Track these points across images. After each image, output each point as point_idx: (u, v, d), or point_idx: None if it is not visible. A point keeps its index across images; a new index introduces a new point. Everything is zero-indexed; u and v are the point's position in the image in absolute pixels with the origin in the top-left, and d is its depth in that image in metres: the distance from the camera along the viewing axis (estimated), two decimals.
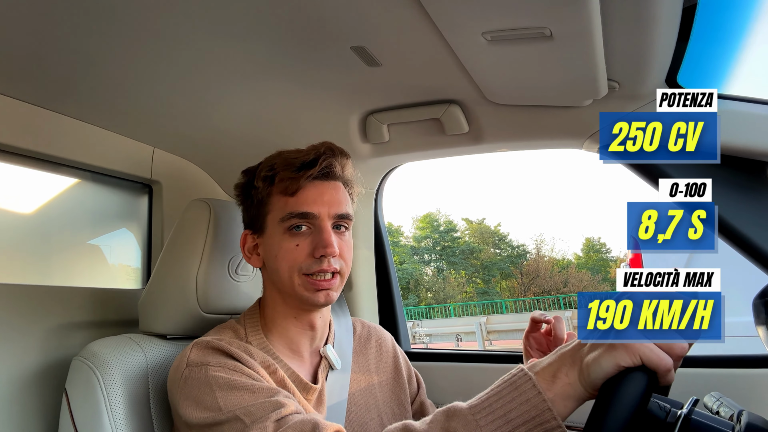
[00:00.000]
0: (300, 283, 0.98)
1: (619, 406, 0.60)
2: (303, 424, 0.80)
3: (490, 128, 1.37)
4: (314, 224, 1.00)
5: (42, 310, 1.21)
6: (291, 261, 0.98)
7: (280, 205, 1.00)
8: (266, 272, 1.06)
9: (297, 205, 0.99)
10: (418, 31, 0.98)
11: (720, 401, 0.81)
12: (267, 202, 1.02)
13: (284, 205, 1.00)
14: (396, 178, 1.77)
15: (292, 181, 0.99)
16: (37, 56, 1.05)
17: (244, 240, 1.07)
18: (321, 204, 1.00)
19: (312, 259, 0.98)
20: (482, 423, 0.67)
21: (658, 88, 0.74)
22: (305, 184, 1.00)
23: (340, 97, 1.31)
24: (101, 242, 1.55)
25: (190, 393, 0.88)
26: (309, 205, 0.99)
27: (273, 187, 1.01)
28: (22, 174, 1.32)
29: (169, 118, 1.38)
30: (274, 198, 1.02)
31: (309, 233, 1.00)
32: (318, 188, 1.01)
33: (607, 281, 31.00)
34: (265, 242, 1.03)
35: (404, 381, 1.21)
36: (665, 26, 0.95)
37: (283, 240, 0.99)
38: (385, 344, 1.25)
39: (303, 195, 1.00)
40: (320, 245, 0.97)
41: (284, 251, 0.99)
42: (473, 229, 35.50)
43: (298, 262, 0.98)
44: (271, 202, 1.02)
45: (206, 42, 1.03)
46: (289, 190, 0.99)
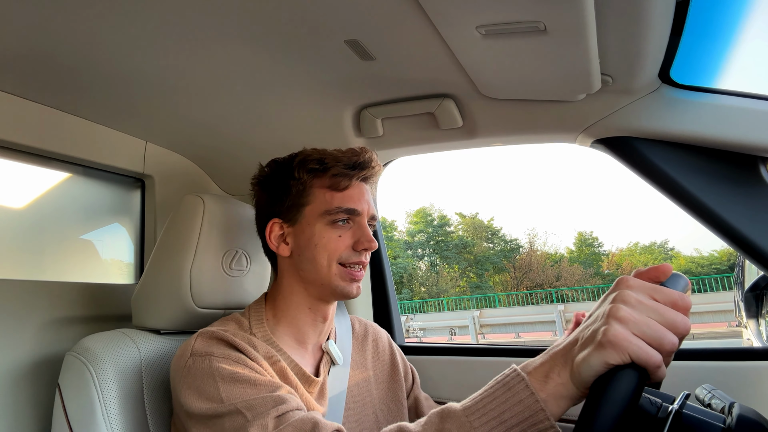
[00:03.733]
0: (337, 272, 1.03)
1: (608, 405, 0.59)
2: (303, 422, 0.80)
3: (484, 122, 1.37)
4: (355, 221, 1.05)
5: (34, 305, 1.20)
6: (332, 250, 1.03)
7: (326, 199, 1.04)
8: (292, 261, 1.07)
9: (345, 201, 1.04)
10: (412, 25, 0.98)
11: (711, 394, 0.82)
12: (308, 193, 1.06)
13: (331, 199, 1.04)
14: (390, 173, 1.77)
15: (345, 178, 1.05)
16: (29, 51, 1.04)
17: (271, 228, 1.08)
18: (363, 203, 1.07)
19: (351, 251, 1.04)
20: (476, 424, 0.67)
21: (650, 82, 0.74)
22: (354, 183, 1.06)
23: (334, 91, 1.30)
24: (94, 237, 1.55)
25: (192, 383, 0.88)
26: (355, 202, 1.05)
27: (318, 179, 1.06)
28: (13, 168, 1.31)
29: (162, 113, 1.37)
30: (317, 191, 1.05)
31: (349, 228, 1.05)
32: (360, 188, 1.08)
33: (599, 275, 31.19)
34: (298, 232, 1.06)
35: (401, 377, 1.23)
36: (658, 21, 0.95)
37: (325, 230, 1.03)
38: (382, 342, 1.27)
39: (350, 192, 1.06)
40: (364, 239, 1.04)
41: (326, 240, 1.03)
42: (466, 223, 35.60)
43: (339, 252, 1.03)
44: (312, 194, 1.05)
45: (199, 36, 1.03)
46: (340, 186, 1.05)
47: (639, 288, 0.65)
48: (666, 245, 33.88)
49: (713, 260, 29.52)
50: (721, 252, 29.27)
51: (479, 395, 0.70)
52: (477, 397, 0.70)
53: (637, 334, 0.61)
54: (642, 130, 1.19)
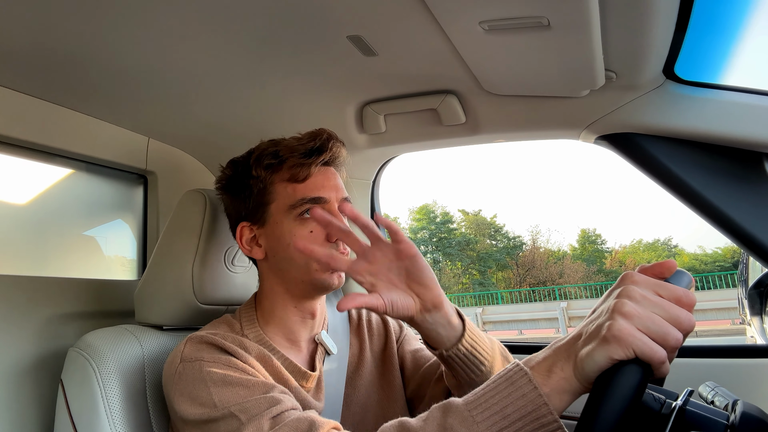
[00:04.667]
0: (317, 267, 0.98)
1: (612, 400, 0.59)
2: (299, 422, 0.79)
3: (487, 119, 1.36)
4: (324, 209, 0.97)
5: (37, 301, 1.20)
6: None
7: (288, 193, 1.00)
8: (268, 263, 1.04)
9: (307, 191, 0.99)
10: (415, 21, 0.97)
11: (715, 391, 0.82)
12: (270, 191, 1.01)
13: (293, 192, 0.99)
14: (392, 169, 1.77)
15: (302, 168, 0.99)
16: (31, 47, 1.04)
17: (241, 233, 1.04)
18: (330, 189, 1.01)
19: (327, 244, 0.98)
20: (479, 419, 0.67)
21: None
22: (314, 171, 1.00)
23: (336, 87, 1.30)
24: (96, 233, 1.55)
25: (184, 389, 0.87)
26: (319, 190, 1.00)
27: (276, 174, 1.01)
28: (16, 164, 1.31)
29: (164, 109, 1.37)
30: (277, 186, 1.01)
31: None
32: (324, 174, 1.02)
33: (602, 272, 31.15)
34: (269, 232, 1.02)
35: (393, 340, 1.19)
36: (663, 16, 0.94)
37: (295, 228, 0.98)
38: (375, 318, 1.23)
39: (312, 181, 1.00)
40: (336, 230, 0.94)
41: (298, 239, 0.97)
42: (469, 220, 35.58)
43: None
44: (274, 191, 1.01)
45: (201, 32, 1.02)
46: (299, 177, 0.99)
47: (644, 284, 0.64)
48: (669, 242, 33.83)
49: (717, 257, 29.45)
50: (724, 249, 29.21)
51: (482, 390, 0.70)
52: (479, 391, 0.70)
53: (641, 329, 0.61)
54: (646, 126, 1.19)
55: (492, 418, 0.67)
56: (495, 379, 0.70)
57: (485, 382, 0.71)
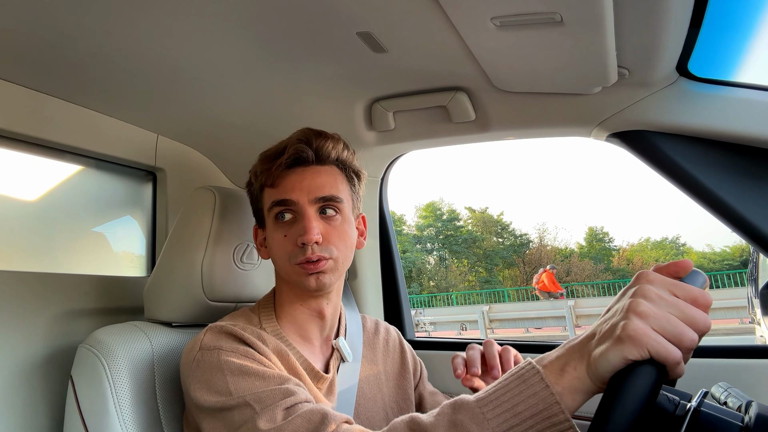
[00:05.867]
0: (293, 271, 1.00)
1: (626, 401, 0.58)
2: (312, 413, 0.80)
3: (497, 116, 1.35)
4: (297, 212, 1.00)
5: (47, 298, 1.21)
6: (282, 252, 1.01)
7: (267, 197, 1.04)
8: (273, 263, 1.08)
9: (276, 194, 1.02)
10: (426, 17, 0.97)
11: (728, 392, 0.81)
12: (260, 197, 1.06)
13: (268, 196, 1.03)
14: (399, 166, 1.76)
15: (268, 173, 1.02)
16: (42, 43, 1.04)
17: (256, 234, 1.11)
18: (299, 190, 1.00)
19: (297, 248, 0.98)
20: (489, 416, 0.66)
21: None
22: (282, 174, 1.02)
23: (346, 84, 1.29)
24: (105, 230, 1.55)
25: (201, 376, 0.89)
26: (288, 192, 1.00)
27: (264, 180, 1.04)
28: (26, 161, 1.31)
29: (173, 106, 1.37)
30: (264, 192, 1.05)
31: (293, 222, 1.01)
32: (297, 175, 1.02)
33: (609, 270, 31.01)
34: (267, 235, 1.06)
35: (410, 375, 1.22)
36: (677, 12, 0.93)
37: (274, 231, 1.02)
38: (392, 339, 1.26)
39: (282, 184, 1.02)
40: (300, 233, 0.98)
41: (275, 242, 1.02)
42: (476, 218, 35.47)
43: (287, 252, 1.00)
44: (263, 197, 1.05)
45: (210, 29, 1.02)
46: (269, 182, 1.02)
47: (659, 283, 0.64)
48: (677, 241, 33.60)
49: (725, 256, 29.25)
50: (733, 248, 29.00)
51: (493, 387, 0.70)
52: (491, 389, 0.70)
53: (656, 329, 0.60)
54: (659, 123, 1.18)
55: (503, 415, 0.66)
56: (507, 377, 0.70)
57: (497, 380, 0.71)
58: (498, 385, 0.70)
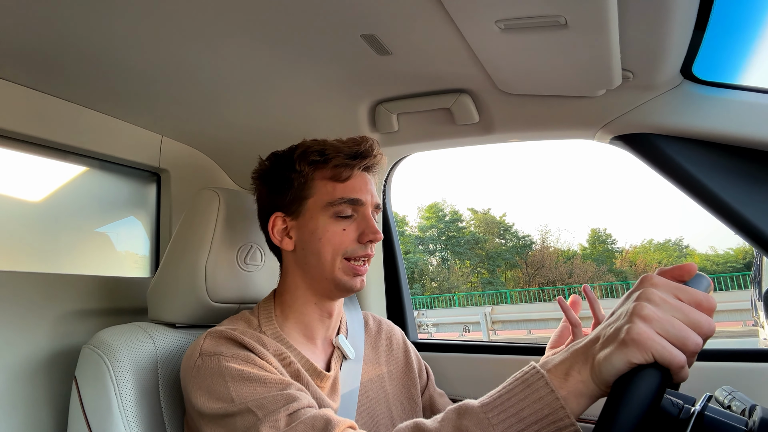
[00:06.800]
0: (341, 267, 1.01)
1: (630, 404, 0.58)
2: (315, 419, 0.79)
3: (501, 118, 1.35)
4: (359, 211, 1.04)
5: (51, 298, 1.21)
6: (337, 244, 1.01)
7: (327, 190, 1.03)
8: (295, 256, 1.06)
9: (347, 192, 1.02)
10: (430, 19, 0.97)
11: (731, 395, 0.81)
12: (310, 186, 1.04)
13: (333, 190, 1.03)
14: (401, 167, 1.76)
15: (346, 168, 1.03)
16: (46, 45, 1.04)
17: (274, 222, 1.07)
18: (367, 193, 1.04)
19: (357, 244, 1.02)
20: (494, 421, 0.66)
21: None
22: (356, 173, 1.04)
23: (350, 86, 1.29)
24: (109, 230, 1.56)
25: (202, 383, 0.88)
26: (357, 192, 1.03)
27: (319, 171, 1.04)
28: (30, 161, 1.32)
29: (178, 107, 1.38)
30: (318, 182, 1.04)
31: (353, 220, 1.03)
32: (363, 178, 1.06)
33: (612, 272, 30.95)
34: (301, 225, 1.04)
35: (415, 374, 1.22)
36: (682, 15, 0.93)
37: (329, 224, 1.02)
38: (396, 338, 1.26)
39: (352, 183, 1.03)
40: (369, 231, 1.02)
41: (330, 234, 1.01)
42: (478, 219, 35.47)
43: (344, 246, 1.01)
44: (314, 186, 1.04)
45: (215, 31, 1.02)
46: (342, 177, 1.03)
47: (664, 287, 0.64)
48: (680, 243, 33.56)
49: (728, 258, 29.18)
50: (736, 250, 28.93)
51: (498, 392, 0.70)
52: (495, 393, 0.70)
53: (661, 333, 0.60)
54: (663, 126, 1.18)
55: (508, 420, 0.66)
56: (511, 382, 0.70)
57: (501, 385, 0.71)
58: (503, 389, 0.70)
